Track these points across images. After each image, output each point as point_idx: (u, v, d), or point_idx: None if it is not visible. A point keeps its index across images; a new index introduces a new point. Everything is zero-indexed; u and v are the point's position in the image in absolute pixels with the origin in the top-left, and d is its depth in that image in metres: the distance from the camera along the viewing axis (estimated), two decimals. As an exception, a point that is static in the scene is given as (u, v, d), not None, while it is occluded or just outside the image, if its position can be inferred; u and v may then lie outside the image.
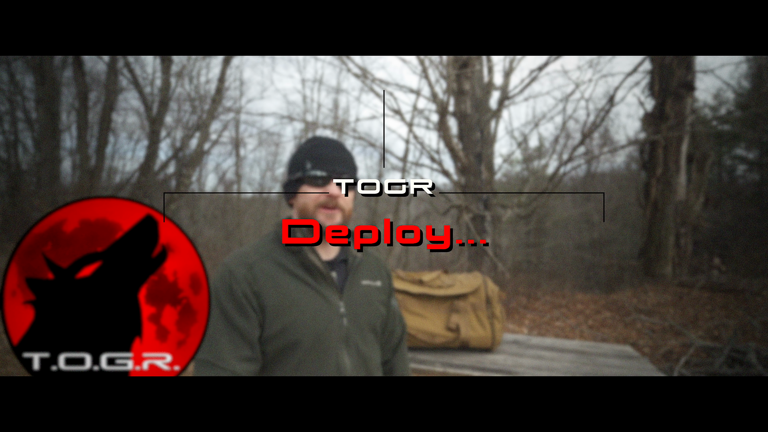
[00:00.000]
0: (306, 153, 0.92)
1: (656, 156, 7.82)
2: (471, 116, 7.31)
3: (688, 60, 7.47)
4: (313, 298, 0.89)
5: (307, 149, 0.93)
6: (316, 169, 0.89)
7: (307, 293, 0.88)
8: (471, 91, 7.29)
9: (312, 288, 0.89)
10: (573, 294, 6.77)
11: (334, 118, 14.63)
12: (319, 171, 0.89)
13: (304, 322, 0.87)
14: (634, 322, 5.15)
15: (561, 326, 5.06)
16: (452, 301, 2.28)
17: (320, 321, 0.88)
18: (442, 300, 2.28)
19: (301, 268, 0.89)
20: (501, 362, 2.12)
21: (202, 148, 11.79)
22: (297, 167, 0.92)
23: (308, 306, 0.88)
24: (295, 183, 0.92)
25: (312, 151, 0.92)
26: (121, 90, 12.08)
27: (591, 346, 2.51)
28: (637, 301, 6.09)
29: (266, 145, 18.72)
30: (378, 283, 1.01)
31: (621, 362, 2.18)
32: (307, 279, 0.89)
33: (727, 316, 5.14)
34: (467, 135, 7.35)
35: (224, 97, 12.49)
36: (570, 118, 10.19)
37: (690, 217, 7.69)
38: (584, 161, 10.90)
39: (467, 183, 7.29)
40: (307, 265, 0.90)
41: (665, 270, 7.59)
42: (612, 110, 6.19)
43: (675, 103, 7.49)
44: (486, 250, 7.02)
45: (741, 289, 6.05)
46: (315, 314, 0.88)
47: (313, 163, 0.90)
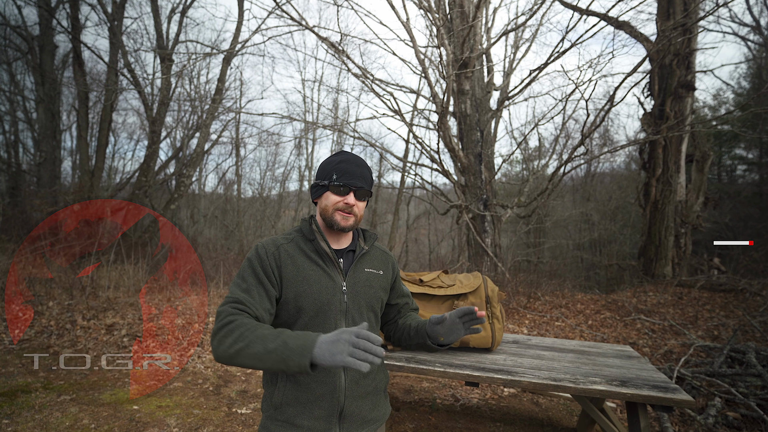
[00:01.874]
0: (334, 165, 1.15)
1: (656, 156, 7.82)
2: (471, 116, 7.30)
3: (688, 60, 7.47)
4: (321, 276, 1.12)
5: (336, 162, 1.15)
6: (340, 180, 1.13)
7: (317, 272, 1.12)
8: (471, 91, 7.29)
9: (321, 268, 1.13)
10: (573, 294, 6.77)
11: (334, 118, 14.62)
12: (341, 182, 1.13)
13: (311, 293, 1.09)
14: (634, 322, 5.15)
15: (561, 326, 5.06)
16: (452, 301, 2.28)
17: (324, 294, 1.10)
18: (442, 300, 2.28)
19: (315, 252, 1.14)
20: (501, 362, 2.12)
21: (202, 148, 11.78)
22: (325, 176, 1.16)
23: (316, 281, 1.11)
24: (322, 188, 1.17)
25: (339, 165, 1.15)
26: (121, 90, 12.08)
27: (591, 346, 2.50)
28: (637, 301, 6.08)
29: (266, 145, 18.76)
30: (380, 272, 1.23)
31: (621, 362, 2.18)
32: (318, 261, 1.14)
33: (727, 316, 5.14)
34: (467, 135, 7.34)
35: (224, 97, 12.49)
36: (570, 118, 10.21)
37: (690, 217, 7.69)
38: (584, 161, 10.90)
39: (467, 183, 7.29)
40: (319, 251, 1.14)
41: (665, 270, 7.59)
42: (612, 110, 6.18)
43: (675, 103, 7.49)
44: (486, 250, 7.02)
45: (741, 289, 6.05)
46: (320, 288, 1.10)
47: (338, 176, 1.13)
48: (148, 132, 11.48)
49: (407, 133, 14.74)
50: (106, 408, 2.85)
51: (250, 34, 10.49)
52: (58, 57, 12.72)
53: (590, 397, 2.17)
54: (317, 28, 6.71)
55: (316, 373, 1.06)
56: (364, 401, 1.12)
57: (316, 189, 1.19)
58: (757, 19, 11.96)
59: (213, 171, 20.83)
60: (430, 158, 7.37)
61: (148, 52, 15.13)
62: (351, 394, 1.10)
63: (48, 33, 11.40)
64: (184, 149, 12.95)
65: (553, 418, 2.89)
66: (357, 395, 1.11)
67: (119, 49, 10.49)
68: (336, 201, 1.13)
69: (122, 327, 4.46)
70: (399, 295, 1.33)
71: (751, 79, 13.28)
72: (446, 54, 6.38)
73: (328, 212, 1.14)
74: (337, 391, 1.08)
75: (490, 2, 8.52)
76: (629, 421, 1.93)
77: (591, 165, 15.66)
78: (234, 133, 16.64)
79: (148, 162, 11.01)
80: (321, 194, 1.17)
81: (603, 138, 14.65)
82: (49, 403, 2.88)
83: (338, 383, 1.08)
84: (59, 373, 3.44)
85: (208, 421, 2.75)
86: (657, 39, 7.21)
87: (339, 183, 1.12)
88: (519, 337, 2.65)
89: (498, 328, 2.24)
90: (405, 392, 3.25)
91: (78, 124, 11.27)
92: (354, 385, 1.10)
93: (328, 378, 1.07)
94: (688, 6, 7.29)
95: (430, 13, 6.63)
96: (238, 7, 11.14)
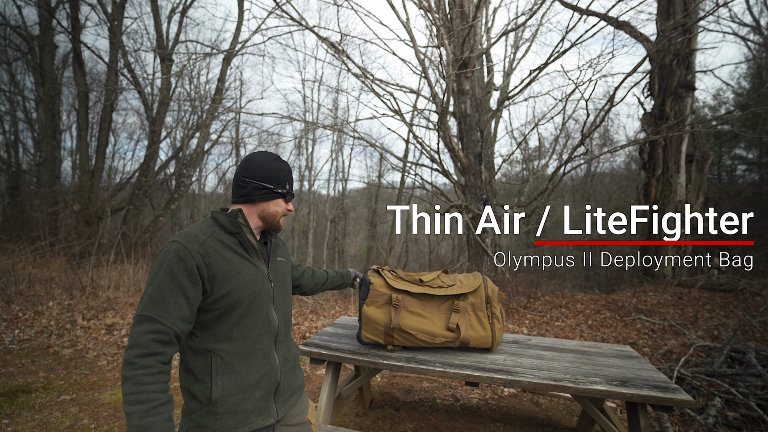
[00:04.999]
0: (285, 175, 1.24)
1: (656, 156, 7.82)
2: (471, 116, 7.31)
3: (688, 60, 7.47)
4: (250, 268, 1.16)
5: (286, 171, 1.24)
6: (292, 191, 1.26)
7: (246, 264, 1.15)
8: (471, 91, 7.29)
9: (248, 261, 1.16)
10: (573, 294, 6.77)
11: (334, 118, 14.62)
12: (294, 193, 1.28)
13: (245, 286, 1.12)
14: (634, 322, 5.15)
15: (561, 326, 5.06)
16: (452, 301, 2.27)
17: (256, 285, 1.15)
18: (442, 300, 2.28)
19: (239, 245, 1.16)
20: (501, 362, 2.12)
21: (202, 148, 11.77)
22: (278, 183, 1.22)
23: (247, 274, 1.14)
24: (275, 194, 1.23)
25: (288, 175, 1.25)
26: (121, 90, 12.08)
27: (591, 346, 2.50)
28: (637, 301, 6.08)
29: (266, 145, 18.76)
30: (284, 259, 1.37)
31: (621, 362, 2.18)
32: (244, 254, 1.16)
33: (727, 316, 5.14)
34: (467, 135, 7.34)
35: (224, 97, 12.48)
36: (570, 118, 10.21)
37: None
38: (584, 161, 10.90)
39: (467, 183, 7.29)
40: (245, 244, 1.17)
41: (665, 270, 7.59)
42: (612, 110, 6.18)
43: (675, 103, 7.49)
44: (486, 250, 7.02)
45: (741, 289, 6.05)
46: (252, 280, 1.14)
47: (290, 186, 1.26)
48: (148, 132, 11.48)
49: (407, 133, 14.75)
50: (106, 408, 2.85)
51: (250, 34, 10.49)
52: (58, 57, 12.72)
53: (590, 397, 2.17)
54: (317, 28, 6.71)
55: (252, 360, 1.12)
56: (290, 374, 1.25)
57: (264, 192, 1.20)
58: (757, 19, 11.97)
59: (213, 171, 20.84)
60: (430, 158, 7.37)
61: (148, 52, 15.13)
62: (283, 370, 1.21)
63: (48, 33, 11.40)
64: (184, 149, 12.94)
65: (553, 418, 2.89)
66: (287, 370, 1.23)
67: (119, 49, 10.48)
68: (285, 209, 1.25)
69: (122, 327, 4.46)
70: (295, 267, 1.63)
71: (751, 79, 13.28)
72: (446, 54, 6.38)
73: (275, 217, 1.23)
74: (273, 370, 1.17)
75: (490, 2, 8.52)
76: (629, 421, 1.93)
77: (591, 165, 15.66)
78: (234, 133, 16.65)
79: (148, 162, 11.00)
80: (270, 199, 1.22)
81: (603, 138, 14.65)
82: (49, 403, 2.88)
83: (273, 363, 1.18)
84: (59, 373, 3.44)
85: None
86: (657, 39, 7.21)
87: (293, 194, 1.27)
88: (519, 337, 2.65)
89: (498, 328, 2.24)
90: (405, 392, 3.25)
91: (78, 124, 11.26)
92: (285, 362, 1.23)
93: (264, 361, 1.15)
94: (688, 6, 7.29)
95: (430, 13, 6.63)
96: (238, 7, 11.14)
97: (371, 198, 20.74)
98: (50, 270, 6.60)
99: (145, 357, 0.96)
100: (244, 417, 1.10)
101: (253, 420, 1.11)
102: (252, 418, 1.11)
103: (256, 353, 1.13)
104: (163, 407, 0.96)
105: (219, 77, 11.33)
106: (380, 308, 2.26)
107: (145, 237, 10.59)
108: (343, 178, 20.66)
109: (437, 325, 2.22)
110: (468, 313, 2.25)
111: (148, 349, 0.96)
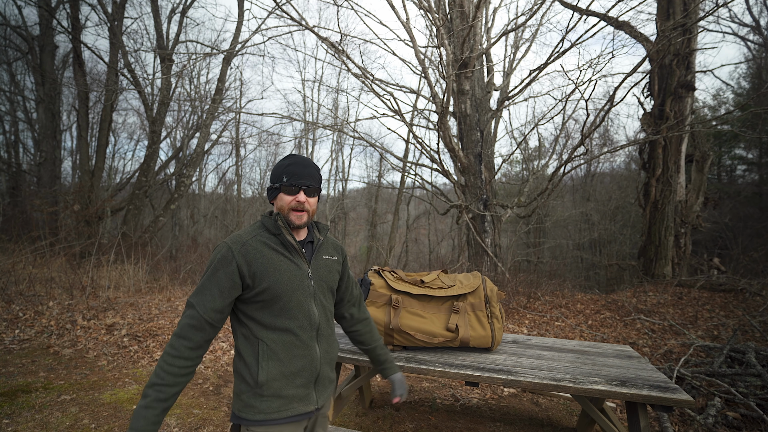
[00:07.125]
0: (284, 169, 1.26)
1: (656, 156, 7.82)
2: (471, 116, 7.31)
3: (688, 60, 7.47)
4: (289, 265, 1.24)
5: (285, 165, 1.27)
6: (290, 182, 1.25)
7: (285, 262, 1.24)
8: (471, 91, 7.29)
9: (288, 259, 1.25)
10: (573, 294, 6.77)
11: (334, 118, 14.62)
12: (291, 183, 1.25)
13: (284, 282, 1.21)
14: (634, 322, 5.15)
15: (561, 326, 5.06)
16: (452, 302, 2.28)
17: (295, 281, 1.23)
18: (442, 300, 2.28)
19: (281, 245, 1.26)
20: (501, 362, 2.12)
21: (202, 148, 11.77)
22: (276, 179, 1.28)
23: (285, 271, 1.23)
24: (275, 190, 1.29)
25: (288, 168, 1.26)
26: (121, 90, 12.08)
27: (591, 346, 2.51)
28: (636, 301, 6.08)
29: (266, 145, 18.77)
30: (335, 258, 1.40)
31: (621, 362, 2.18)
32: (285, 252, 1.25)
33: (727, 316, 5.14)
34: (467, 135, 7.34)
35: (224, 97, 12.48)
36: (570, 118, 10.22)
37: (690, 217, 7.69)
38: (584, 161, 10.91)
39: (467, 183, 7.29)
40: (285, 244, 1.26)
41: (665, 270, 7.59)
42: (612, 110, 6.18)
43: (675, 103, 7.49)
44: (486, 250, 7.02)
45: (741, 289, 6.05)
46: (290, 276, 1.23)
47: (287, 177, 1.25)
48: (148, 132, 11.48)
49: (407, 133, 14.75)
50: (106, 408, 2.85)
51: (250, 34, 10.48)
52: (58, 57, 12.72)
53: (590, 397, 2.17)
54: (317, 28, 6.71)
55: (294, 350, 1.22)
56: (329, 365, 1.33)
57: (270, 192, 1.31)
58: (756, 19, 11.98)
59: (213, 171, 20.85)
60: (430, 158, 7.37)
61: (148, 52, 15.14)
62: (323, 362, 1.30)
63: (48, 33, 11.41)
64: (184, 149, 12.94)
65: (553, 418, 2.89)
66: (326, 361, 1.31)
67: (119, 49, 10.48)
68: (289, 201, 1.26)
69: (122, 327, 4.46)
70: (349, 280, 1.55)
71: (751, 79, 13.28)
72: (446, 54, 6.38)
73: (284, 212, 1.27)
74: (315, 361, 1.26)
75: (490, 2, 8.52)
76: (629, 421, 1.93)
77: (591, 165, 15.67)
78: (234, 133, 16.65)
79: (148, 162, 11.00)
80: (275, 196, 1.29)
81: (603, 138, 14.66)
82: (49, 403, 2.88)
83: (315, 355, 1.26)
84: (59, 373, 3.44)
85: (208, 421, 2.75)
86: (657, 39, 7.21)
87: (289, 184, 1.25)
88: (519, 337, 2.65)
89: (498, 327, 2.24)
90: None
91: (78, 124, 11.26)
92: (325, 354, 1.31)
93: (306, 352, 1.24)
94: (687, 6, 7.29)
95: (430, 13, 6.63)
96: (238, 7, 11.14)
97: (371, 198, 20.75)
98: (50, 270, 6.61)
99: (178, 338, 1.16)
100: (286, 402, 1.21)
101: (295, 405, 1.22)
102: (294, 404, 1.22)
103: (299, 344, 1.23)
104: (160, 403, 1.12)
105: (219, 77, 11.33)
106: (380, 308, 2.27)
107: (145, 237, 10.59)
108: (343, 178, 20.68)
109: (436, 326, 2.23)
110: (467, 314, 2.25)
111: (182, 332, 1.16)
